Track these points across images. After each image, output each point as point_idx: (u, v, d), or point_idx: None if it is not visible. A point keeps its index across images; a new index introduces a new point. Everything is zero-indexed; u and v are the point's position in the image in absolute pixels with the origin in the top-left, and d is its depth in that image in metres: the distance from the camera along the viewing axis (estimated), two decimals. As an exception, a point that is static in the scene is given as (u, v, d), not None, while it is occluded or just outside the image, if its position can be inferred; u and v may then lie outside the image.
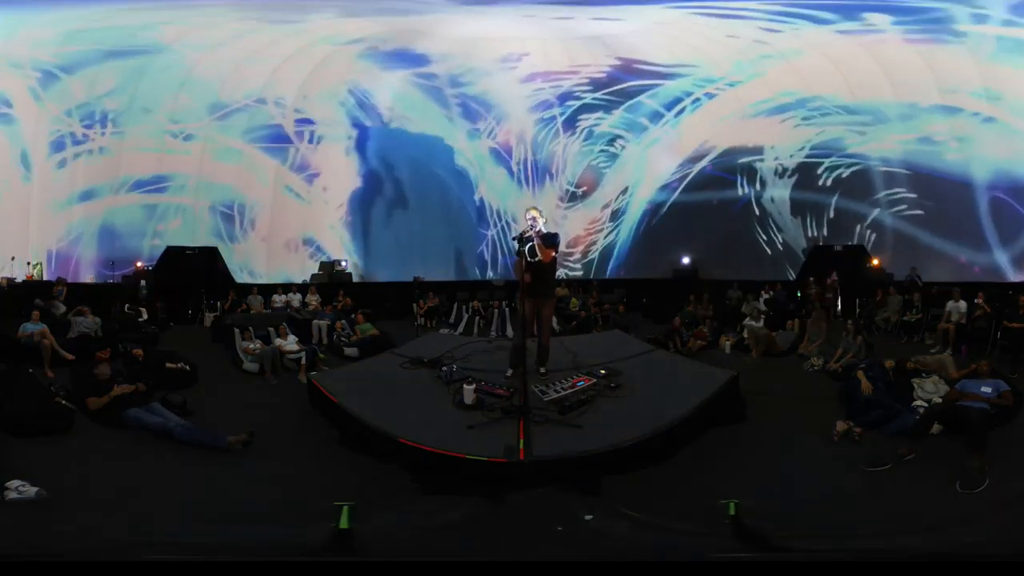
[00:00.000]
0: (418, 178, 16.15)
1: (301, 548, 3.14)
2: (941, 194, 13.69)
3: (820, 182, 14.80)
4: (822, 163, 14.72)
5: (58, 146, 14.01)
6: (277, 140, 15.34)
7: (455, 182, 16.29)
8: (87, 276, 14.31)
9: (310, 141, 15.61)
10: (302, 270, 15.13)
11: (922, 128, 13.81)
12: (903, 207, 14.08)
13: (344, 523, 3.13)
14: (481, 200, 16.29)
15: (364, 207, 16.04)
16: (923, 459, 4.20)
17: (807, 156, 14.84)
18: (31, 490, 3.64)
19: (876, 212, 14.38)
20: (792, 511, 3.63)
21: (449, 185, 16.29)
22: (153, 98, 14.30)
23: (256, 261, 15.37)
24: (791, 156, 14.97)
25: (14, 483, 3.65)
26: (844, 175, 14.62)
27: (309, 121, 15.50)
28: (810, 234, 14.91)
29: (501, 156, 16.30)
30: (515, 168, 16.31)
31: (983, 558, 2.89)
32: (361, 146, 15.92)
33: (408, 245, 15.97)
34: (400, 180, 16.12)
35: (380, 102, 15.73)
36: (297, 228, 15.72)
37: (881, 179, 14.32)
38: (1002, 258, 13.25)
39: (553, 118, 16.06)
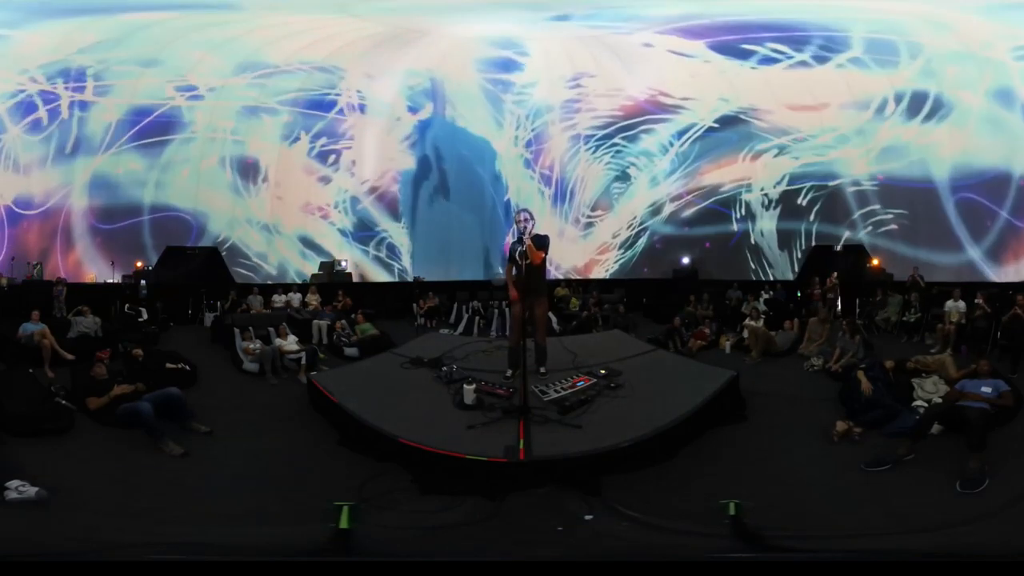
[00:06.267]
0: (462, 174, 16.35)
1: (301, 548, 3.14)
2: (909, 202, 13.95)
3: (800, 211, 15.05)
4: (801, 191, 14.95)
5: (28, 107, 13.86)
6: (313, 106, 15.30)
7: (494, 185, 16.52)
8: (80, 230, 14.31)
9: (352, 111, 15.61)
10: (318, 234, 15.38)
11: (878, 141, 14.13)
12: (878, 222, 14.29)
13: (344, 523, 3.13)
14: (506, 203, 16.48)
15: (415, 191, 16.24)
16: (923, 459, 4.19)
17: (788, 185, 15.08)
18: (31, 490, 3.64)
19: (854, 232, 14.56)
20: (792, 511, 3.62)
21: (488, 185, 16.51)
22: (158, 53, 14.08)
23: (270, 216, 15.42)
24: (775, 185, 15.21)
25: (14, 483, 3.65)
26: (821, 200, 14.86)
27: (358, 93, 15.53)
28: (795, 269, 15.01)
29: (533, 168, 16.54)
30: (544, 181, 16.53)
31: (983, 558, 2.89)
32: (420, 133, 16.10)
33: (446, 238, 16.22)
34: (446, 171, 16.31)
35: (444, 92, 15.93)
36: (317, 193, 15.72)
37: (854, 198, 14.55)
38: (975, 254, 13.37)
39: (583, 139, 16.30)
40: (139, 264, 13.79)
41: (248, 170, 15.20)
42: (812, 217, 14.94)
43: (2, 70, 13.52)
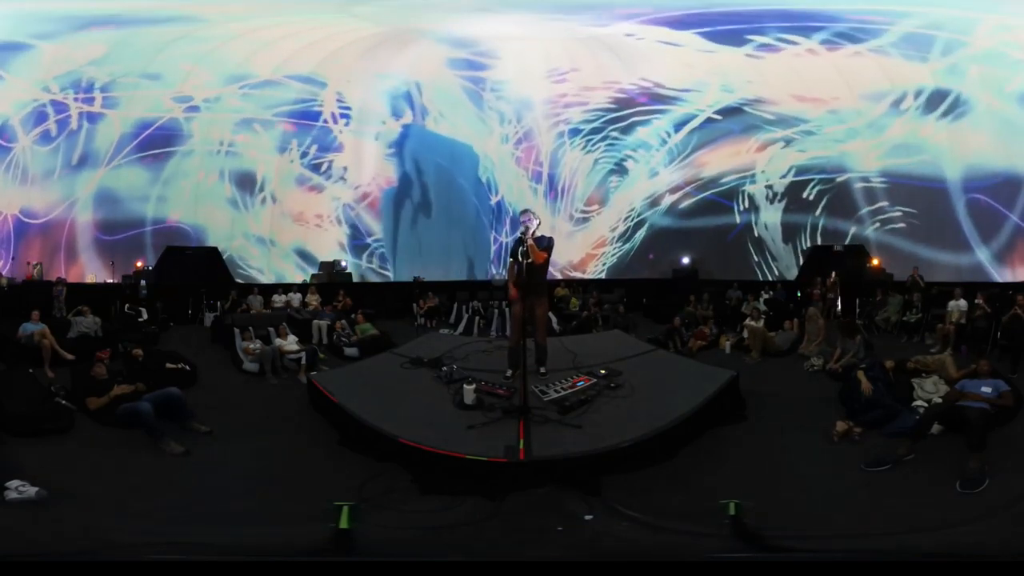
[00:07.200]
0: (442, 182, 16.32)
1: (301, 548, 3.14)
2: (919, 201, 13.89)
3: (806, 204, 14.97)
4: (808, 184, 14.89)
5: (40, 118, 14.02)
6: (302, 116, 15.38)
7: (476, 190, 16.48)
8: (83, 241, 14.45)
9: (337, 121, 15.64)
10: (314, 245, 15.49)
11: (891, 136, 14.06)
12: (886, 219, 14.24)
13: (344, 523, 3.12)
14: (499, 204, 16.40)
15: (397, 202, 16.25)
16: (923, 459, 4.19)
17: (794, 177, 15.01)
18: (31, 490, 3.64)
19: (861, 228, 14.51)
20: (792, 511, 3.63)
21: (469, 192, 16.48)
22: (160, 66, 14.22)
23: (267, 229, 15.50)
24: (782, 177, 15.12)
25: (14, 483, 3.65)
26: (828, 194, 14.78)
27: (342, 102, 15.57)
28: (799, 262, 14.94)
29: (522, 165, 16.48)
30: (535, 178, 16.47)
31: (983, 558, 2.89)
32: (399, 143, 16.07)
33: (426, 246, 16.20)
34: (426, 183, 16.29)
35: (421, 95, 15.93)
36: (311, 203, 15.80)
37: (862, 194, 14.49)
38: (983, 256, 13.38)
39: (572, 134, 16.25)
40: (139, 264, 13.78)
41: (246, 183, 15.29)
42: (818, 212, 14.83)
43: (23, 80, 13.71)
